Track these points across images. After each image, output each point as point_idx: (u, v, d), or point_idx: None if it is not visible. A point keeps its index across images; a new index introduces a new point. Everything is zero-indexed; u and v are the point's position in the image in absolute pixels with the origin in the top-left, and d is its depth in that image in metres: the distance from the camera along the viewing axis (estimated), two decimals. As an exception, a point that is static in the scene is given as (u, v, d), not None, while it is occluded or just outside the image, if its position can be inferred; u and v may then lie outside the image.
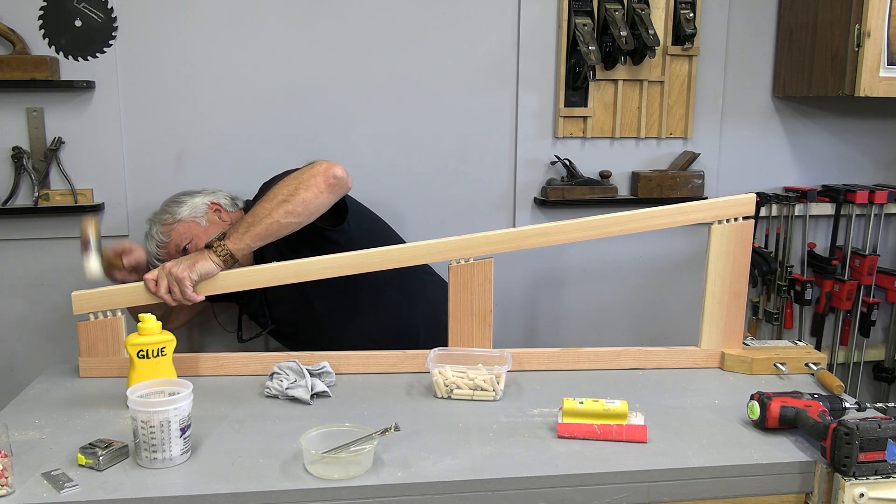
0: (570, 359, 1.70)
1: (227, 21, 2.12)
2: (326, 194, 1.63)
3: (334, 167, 1.63)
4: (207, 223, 1.87)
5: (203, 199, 1.91)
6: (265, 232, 1.60)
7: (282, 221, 1.60)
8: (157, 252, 1.87)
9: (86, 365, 1.64)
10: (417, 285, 1.94)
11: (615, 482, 1.24)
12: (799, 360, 1.66)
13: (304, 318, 1.88)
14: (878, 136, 2.53)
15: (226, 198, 1.96)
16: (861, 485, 1.22)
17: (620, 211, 1.69)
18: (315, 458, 1.21)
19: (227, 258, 1.60)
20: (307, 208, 1.61)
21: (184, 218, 1.86)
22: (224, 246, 1.60)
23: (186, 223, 1.86)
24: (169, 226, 1.86)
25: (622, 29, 2.18)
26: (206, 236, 1.82)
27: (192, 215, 1.87)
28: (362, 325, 1.86)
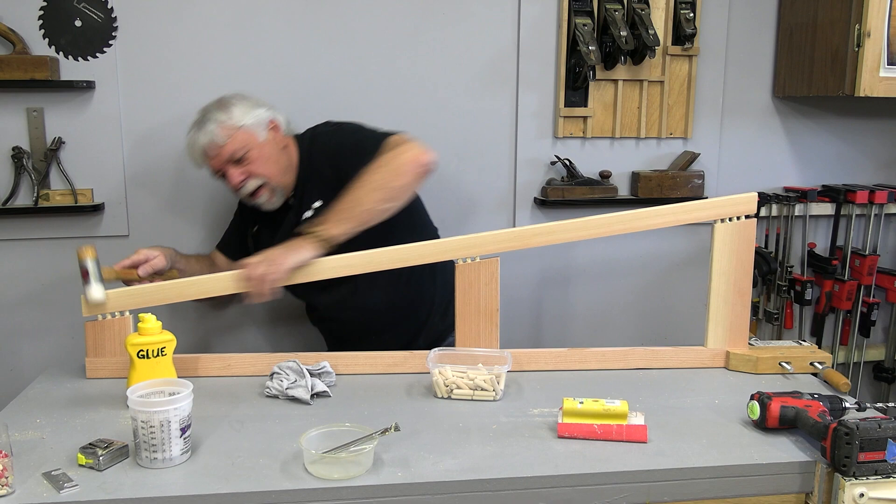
0: (576, 359, 1.70)
1: (227, 21, 2.12)
2: (418, 181, 1.67)
3: (423, 154, 1.65)
4: (265, 139, 1.78)
5: (266, 111, 1.81)
6: (363, 219, 1.61)
7: (378, 209, 1.62)
8: (206, 150, 1.75)
9: (92, 365, 1.63)
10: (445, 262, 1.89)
11: (615, 482, 1.24)
12: (804, 360, 1.67)
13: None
14: (878, 136, 2.53)
15: (284, 118, 1.87)
16: (861, 485, 1.22)
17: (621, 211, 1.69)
18: (315, 458, 1.21)
19: (326, 245, 1.58)
20: (401, 196, 1.65)
21: (246, 125, 1.76)
22: (327, 231, 1.58)
23: (247, 132, 1.76)
24: (229, 129, 1.74)
25: (622, 29, 2.19)
26: (259, 152, 1.76)
27: (254, 126, 1.77)
28: (388, 286, 1.82)
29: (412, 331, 1.91)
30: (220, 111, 1.77)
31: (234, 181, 1.76)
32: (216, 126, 1.74)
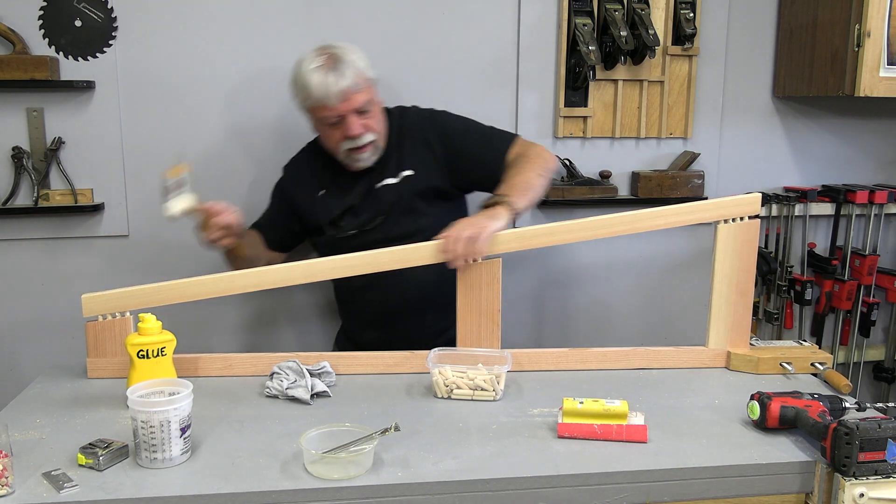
0: (577, 359, 1.70)
1: (226, 21, 2.12)
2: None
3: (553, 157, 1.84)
4: (379, 99, 1.82)
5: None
6: (532, 200, 1.72)
7: (539, 195, 1.75)
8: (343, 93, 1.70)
9: (93, 366, 1.63)
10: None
11: (615, 482, 1.24)
12: (805, 360, 1.67)
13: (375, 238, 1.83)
14: (878, 136, 2.53)
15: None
16: (861, 485, 1.22)
17: (621, 211, 1.69)
18: (315, 458, 1.21)
19: (514, 214, 1.64)
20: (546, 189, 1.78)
21: (371, 80, 1.78)
22: (516, 202, 1.64)
23: (372, 87, 1.78)
24: (364, 79, 1.74)
25: (622, 29, 2.19)
26: (377, 109, 1.80)
27: (375, 82, 1.80)
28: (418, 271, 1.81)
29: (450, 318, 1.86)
30: (353, 56, 1.75)
31: (356, 131, 1.75)
32: (354, 73, 1.72)
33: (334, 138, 1.79)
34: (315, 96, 1.72)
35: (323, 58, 1.74)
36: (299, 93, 1.78)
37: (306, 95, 1.75)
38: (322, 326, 2.33)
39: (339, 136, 1.77)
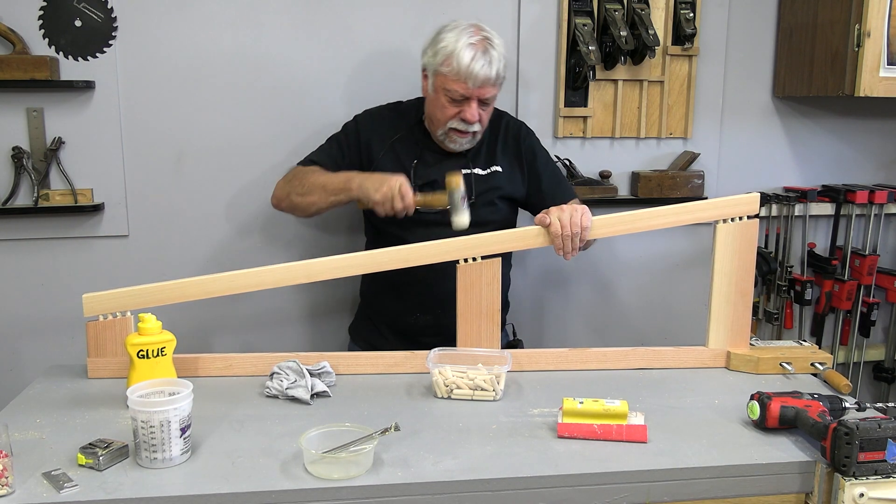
0: (577, 359, 1.70)
1: (226, 21, 2.12)
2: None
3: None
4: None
5: None
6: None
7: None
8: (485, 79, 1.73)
9: (94, 365, 1.63)
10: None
11: (615, 482, 1.24)
12: (805, 360, 1.67)
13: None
14: (878, 136, 2.53)
15: None
16: (861, 485, 1.22)
17: (621, 211, 1.69)
18: (315, 458, 1.21)
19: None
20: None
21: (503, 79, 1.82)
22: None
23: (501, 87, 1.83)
24: (501, 77, 1.78)
25: (622, 29, 2.19)
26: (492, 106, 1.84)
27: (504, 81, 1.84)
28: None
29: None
30: (502, 50, 1.78)
31: (473, 117, 1.77)
32: (499, 66, 1.76)
33: (447, 113, 1.78)
34: (458, 70, 1.72)
35: (478, 38, 1.74)
36: (439, 55, 1.75)
37: (448, 63, 1.73)
38: (323, 326, 2.33)
39: (452, 113, 1.78)
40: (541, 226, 1.62)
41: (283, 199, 1.88)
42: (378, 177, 1.72)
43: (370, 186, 1.70)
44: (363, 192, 1.72)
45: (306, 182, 1.82)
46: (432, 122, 1.84)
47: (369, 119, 1.96)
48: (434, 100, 1.80)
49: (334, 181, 1.78)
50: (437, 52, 1.77)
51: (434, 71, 1.78)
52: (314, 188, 1.80)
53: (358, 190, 1.73)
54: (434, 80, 1.79)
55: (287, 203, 1.88)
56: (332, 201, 1.79)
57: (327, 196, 1.79)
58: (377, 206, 1.70)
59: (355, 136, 1.93)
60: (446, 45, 1.74)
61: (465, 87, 1.73)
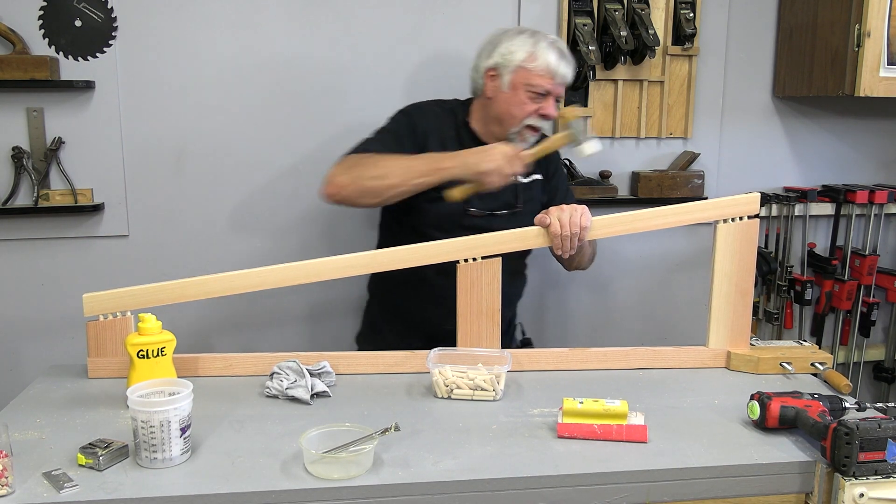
0: (577, 359, 1.70)
1: (226, 21, 2.12)
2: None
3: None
4: None
5: None
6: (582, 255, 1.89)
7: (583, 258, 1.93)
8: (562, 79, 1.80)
9: (94, 365, 1.63)
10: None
11: (615, 482, 1.24)
12: (805, 360, 1.67)
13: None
14: (878, 136, 2.53)
15: None
16: (861, 485, 1.22)
17: (620, 211, 1.69)
18: (315, 457, 1.21)
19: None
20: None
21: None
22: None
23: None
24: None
25: (622, 29, 2.19)
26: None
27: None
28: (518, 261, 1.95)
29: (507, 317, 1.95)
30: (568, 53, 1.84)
31: (553, 112, 1.82)
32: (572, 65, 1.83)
33: (526, 109, 1.79)
34: (546, 65, 1.76)
35: (552, 40, 1.81)
36: (520, 52, 1.77)
37: (533, 59, 1.76)
38: (323, 326, 2.33)
39: (531, 109, 1.80)
40: (541, 226, 1.62)
41: (347, 186, 1.72)
42: (477, 149, 1.69)
43: (474, 159, 1.66)
44: (467, 166, 1.66)
45: (381, 165, 1.71)
46: (504, 120, 1.82)
47: (421, 113, 1.91)
48: (510, 97, 1.80)
49: (419, 163, 1.70)
50: (513, 50, 1.78)
51: (515, 67, 1.78)
52: (394, 171, 1.70)
53: (459, 167, 1.66)
54: (513, 77, 1.79)
55: (354, 189, 1.72)
56: (417, 183, 1.70)
57: (412, 178, 1.69)
58: (487, 177, 1.64)
59: (411, 128, 1.86)
60: (526, 44, 1.78)
61: (552, 82, 1.78)
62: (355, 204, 1.76)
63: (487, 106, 1.85)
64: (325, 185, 1.75)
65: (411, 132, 1.85)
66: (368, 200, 1.75)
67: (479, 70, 1.85)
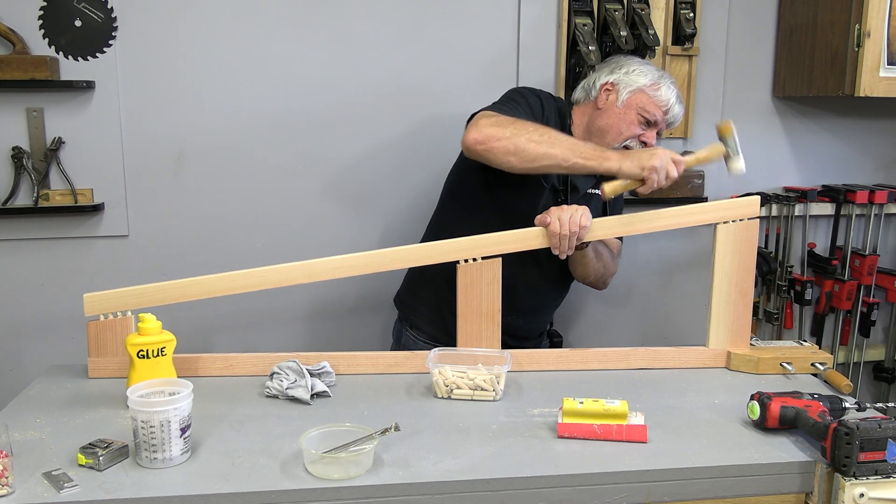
0: (577, 359, 1.70)
1: (227, 21, 2.12)
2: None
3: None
4: None
5: None
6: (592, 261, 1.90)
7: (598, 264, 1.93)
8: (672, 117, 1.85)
9: (94, 365, 1.63)
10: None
11: (615, 482, 1.24)
12: (805, 360, 1.67)
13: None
14: (878, 136, 2.53)
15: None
16: (861, 485, 1.22)
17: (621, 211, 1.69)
18: (315, 458, 1.21)
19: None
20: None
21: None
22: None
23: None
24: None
25: (622, 29, 2.18)
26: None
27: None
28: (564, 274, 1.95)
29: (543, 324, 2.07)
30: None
31: (651, 142, 1.83)
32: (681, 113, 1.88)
33: (632, 130, 1.81)
34: (666, 99, 1.82)
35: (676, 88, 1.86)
36: (645, 77, 1.82)
37: (656, 88, 1.82)
38: (323, 326, 2.33)
39: (636, 133, 1.82)
40: (541, 226, 1.62)
41: (502, 140, 1.63)
42: (643, 149, 1.71)
43: (642, 154, 1.64)
44: (634, 160, 1.63)
45: (545, 132, 1.64)
46: (606, 133, 1.82)
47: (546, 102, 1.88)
48: (622, 114, 1.82)
49: (584, 145, 1.66)
50: (640, 73, 1.83)
51: (635, 89, 1.81)
52: (558, 142, 1.63)
53: (625, 159, 1.63)
54: (631, 97, 1.81)
55: (507, 144, 1.63)
56: (576, 164, 1.63)
57: (575, 156, 1.62)
58: (653, 172, 1.62)
59: (542, 114, 1.83)
60: (653, 75, 1.83)
61: (663, 115, 1.82)
62: (495, 160, 1.66)
63: (594, 116, 1.86)
64: (473, 131, 1.66)
65: (540, 110, 1.83)
66: (514, 162, 1.64)
67: (596, 82, 1.87)
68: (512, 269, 1.67)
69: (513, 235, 1.64)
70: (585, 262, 1.84)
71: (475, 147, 1.66)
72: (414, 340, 1.98)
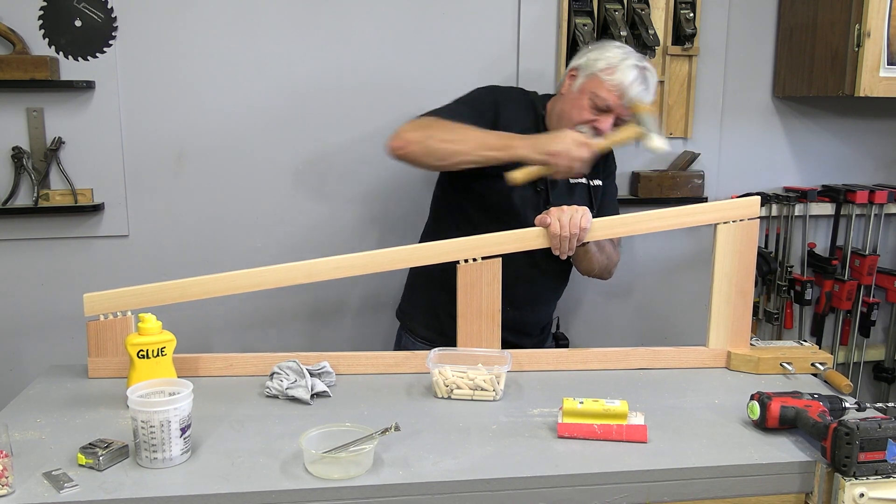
0: (577, 359, 1.70)
1: (226, 21, 2.12)
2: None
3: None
4: None
5: None
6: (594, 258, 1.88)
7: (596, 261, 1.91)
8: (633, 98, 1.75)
9: (94, 365, 1.63)
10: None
11: (615, 482, 1.24)
12: (805, 360, 1.67)
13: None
14: (878, 136, 2.53)
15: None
16: (861, 485, 1.22)
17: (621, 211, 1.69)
18: (315, 457, 1.21)
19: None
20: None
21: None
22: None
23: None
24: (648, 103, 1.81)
25: (622, 29, 2.18)
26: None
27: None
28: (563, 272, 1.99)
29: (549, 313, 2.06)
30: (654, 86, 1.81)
31: (604, 128, 1.78)
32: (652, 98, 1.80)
33: (583, 116, 1.78)
34: (619, 82, 1.74)
35: (642, 65, 1.78)
36: (602, 61, 1.77)
37: (610, 72, 1.75)
38: (323, 326, 2.33)
39: (586, 116, 1.78)
40: (541, 226, 1.62)
41: (415, 143, 1.72)
42: (547, 133, 1.69)
43: (544, 139, 1.65)
44: (536, 146, 1.64)
45: (454, 130, 1.71)
46: (562, 119, 1.82)
47: (504, 95, 1.90)
48: (576, 99, 1.80)
49: (492, 137, 1.70)
50: (600, 58, 1.78)
51: (590, 73, 1.78)
52: (466, 139, 1.70)
53: (529, 147, 1.65)
54: (585, 82, 1.79)
55: (421, 147, 1.72)
56: (486, 156, 1.69)
57: (482, 149, 1.69)
58: (556, 157, 1.63)
59: (491, 104, 1.85)
60: (612, 57, 1.77)
61: (616, 101, 1.75)
62: (417, 162, 1.75)
63: (556, 102, 1.87)
64: (393, 138, 1.75)
65: (490, 108, 1.84)
66: (432, 162, 1.74)
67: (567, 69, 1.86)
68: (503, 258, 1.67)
69: (513, 235, 1.65)
70: (589, 258, 1.83)
71: (395, 153, 1.75)
72: (413, 342, 1.99)
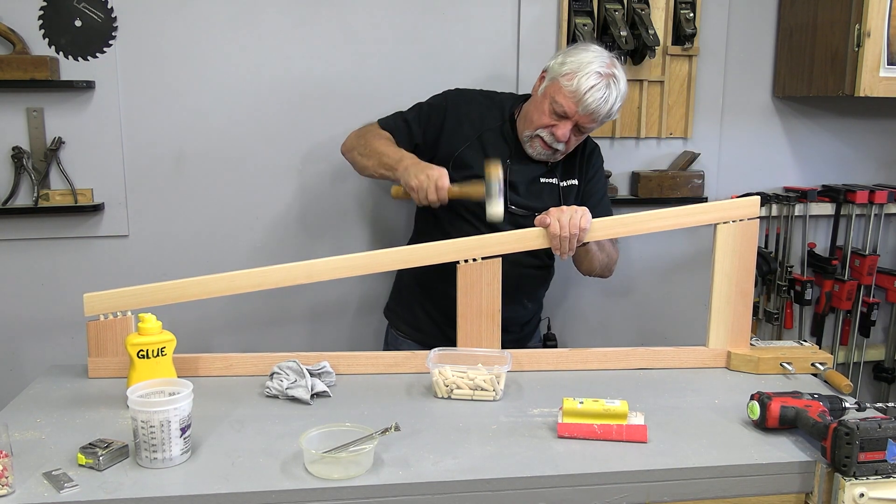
0: (577, 359, 1.70)
1: (227, 21, 2.12)
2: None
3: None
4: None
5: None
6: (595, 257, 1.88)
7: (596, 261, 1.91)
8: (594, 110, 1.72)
9: (94, 365, 1.63)
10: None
11: (615, 482, 1.24)
12: (805, 360, 1.67)
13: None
14: (878, 136, 2.53)
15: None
16: (861, 485, 1.22)
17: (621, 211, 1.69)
18: (315, 457, 1.21)
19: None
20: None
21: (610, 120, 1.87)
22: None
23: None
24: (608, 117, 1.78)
25: (622, 29, 2.19)
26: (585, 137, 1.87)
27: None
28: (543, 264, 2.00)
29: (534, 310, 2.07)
30: (621, 94, 1.76)
31: (561, 137, 1.77)
32: (614, 107, 1.76)
33: (542, 120, 1.78)
34: (576, 89, 1.72)
35: (606, 71, 1.73)
36: (566, 66, 1.74)
37: (570, 78, 1.72)
38: (323, 326, 2.33)
39: (546, 123, 1.78)
40: (541, 227, 1.62)
41: (348, 152, 1.94)
42: (423, 165, 1.71)
43: (412, 172, 1.69)
44: (405, 175, 1.70)
45: (370, 145, 1.84)
46: (524, 121, 1.84)
47: (462, 101, 1.92)
48: (539, 102, 1.80)
49: (390, 156, 1.78)
50: (565, 62, 1.76)
51: (553, 77, 1.77)
52: (373, 154, 1.82)
53: (402, 172, 1.72)
54: (548, 85, 1.78)
55: (349, 156, 1.94)
56: (381, 174, 1.81)
57: (379, 167, 1.80)
58: (412, 192, 1.69)
59: (441, 115, 1.90)
60: (576, 62, 1.74)
61: (573, 107, 1.73)
62: (354, 168, 1.94)
63: (528, 102, 1.88)
64: (343, 142, 1.97)
65: (439, 122, 1.89)
66: (359, 170, 1.92)
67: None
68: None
69: (513, 235, 1.65)
70: (590, 258, 1.84)
71: (344, 156, 1.97)
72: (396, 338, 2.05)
